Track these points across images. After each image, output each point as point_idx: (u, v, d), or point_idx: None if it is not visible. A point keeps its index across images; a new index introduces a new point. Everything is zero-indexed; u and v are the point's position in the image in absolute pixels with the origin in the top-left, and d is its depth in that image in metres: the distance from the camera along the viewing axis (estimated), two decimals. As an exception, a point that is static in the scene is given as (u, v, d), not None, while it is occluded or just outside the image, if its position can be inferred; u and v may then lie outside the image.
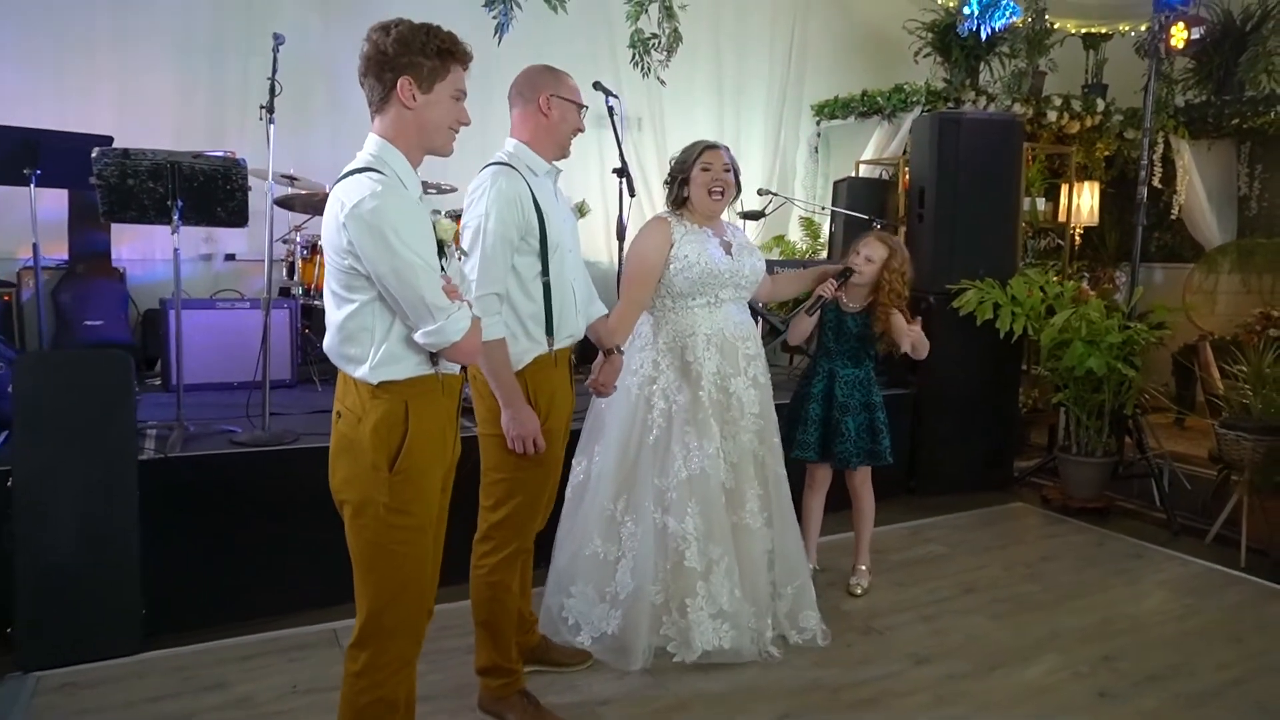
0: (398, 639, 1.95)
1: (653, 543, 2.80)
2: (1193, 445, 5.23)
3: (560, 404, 2.48)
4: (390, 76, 1.85)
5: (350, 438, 1.88)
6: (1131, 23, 6.57)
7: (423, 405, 1.89)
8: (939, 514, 4.46)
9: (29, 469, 2.78)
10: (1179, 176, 6.47)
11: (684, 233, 2.89)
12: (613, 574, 2.86)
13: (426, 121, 1.90)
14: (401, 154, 1.89)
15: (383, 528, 1.88)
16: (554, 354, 2.44)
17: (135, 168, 3.24)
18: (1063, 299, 4.57)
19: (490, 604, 2.50)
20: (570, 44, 5.60)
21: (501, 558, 2.47)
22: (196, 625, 3.03)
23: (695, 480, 2.82)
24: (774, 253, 6.50)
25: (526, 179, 2.36)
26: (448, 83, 1.90)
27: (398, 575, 1.92)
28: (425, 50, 1.86)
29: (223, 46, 5.11)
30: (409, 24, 1.87)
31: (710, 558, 2.81)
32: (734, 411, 2.90)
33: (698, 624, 2.80)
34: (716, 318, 2.91)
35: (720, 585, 2.81)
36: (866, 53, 7.01)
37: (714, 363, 2.88)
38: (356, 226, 1.77)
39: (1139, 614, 3.36)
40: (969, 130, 4.74)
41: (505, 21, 3.99)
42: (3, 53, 4.69)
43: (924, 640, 3.10)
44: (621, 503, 2.88)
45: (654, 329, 2.94)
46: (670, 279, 2.86)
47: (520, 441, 2.33)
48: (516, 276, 2.36)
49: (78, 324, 4.51)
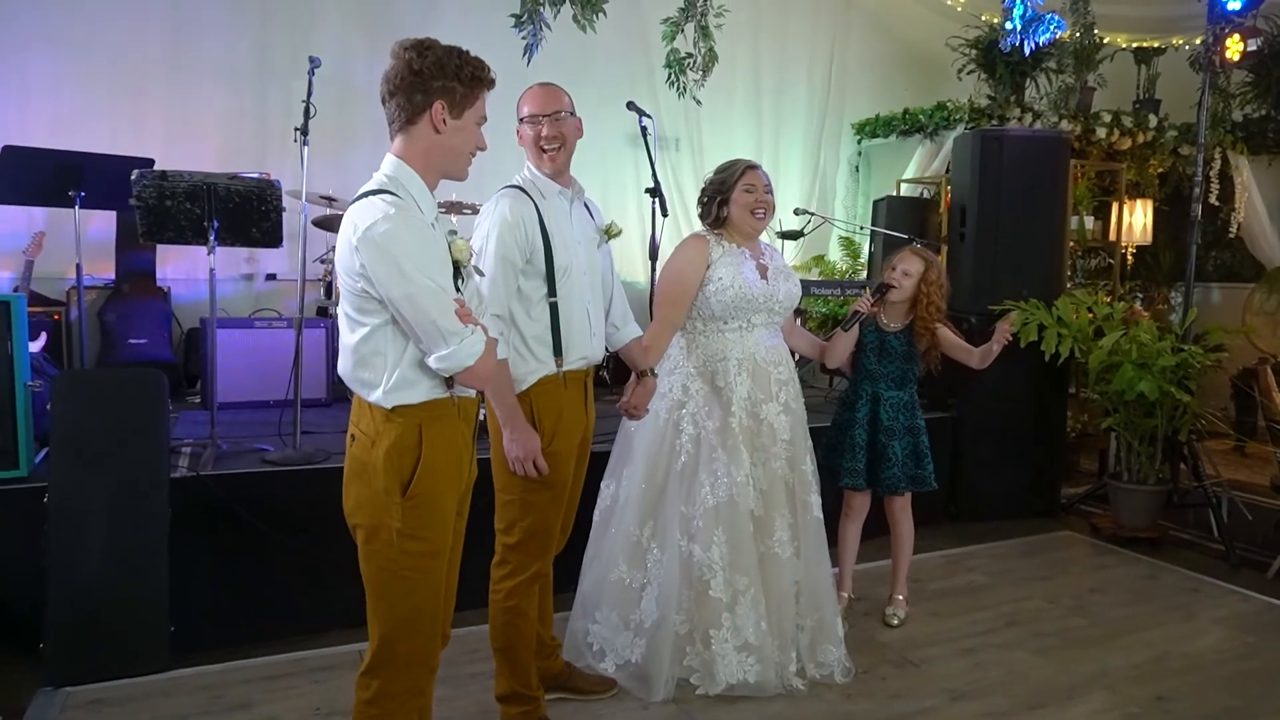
0: (411, 667, 1.91)
1: (678, 571, 2.74)
2: (1254, 473, 5.01)
3: (569, 426, 2.44)
4: (422, 99, 1.83)
5: (363, 461, 1.86)
6: (1185, 36, 6.39)
7: (437, 429, 1.86)
8: (980, 542, 4.31)
9: (64, 486, 2.83)
10: (1237, 193, 6.26)
11: (722, 253, 2.84)
12: (638, 601, 2.81)
13: (453, 147, 1.89)
14: (419, 176, 1.88)
15: (395, 553, 1.85)
16: (563, 375, 2.41)
17: (173, 189, 3.30)
18: (1112, 320, 4.41)
19: (506, 629, 2.47)
20: (605, 64, 5.64)
21: (518, 582, 2.44)
22: (224, 644, 3.04)
23: (722, 508, 2.75)
24: (813, 272, 6.42)
25: (535, 201, 2.37)
26: (475, 109, 1.89)
27: (410, 601, 1.89)
28: (460, 75, 1.84)
29: (266, 71, 5.25)
30: (441, 45, 1.85)
31: (736, 588, 2.74)
32: (765, 438, 2.83)
33: (722, 656, 2.72)
34: (748, 342, 2.85)
35: (746, 617, 2.73)
36: (908, 70, 6.93)
37: (745, 388, 2.82)
38: (368, 250, 1.75)
39: (1195, 652, 3.19)
40: (1012, 147, 4.63)
41: (535, 42, 4.00)
42: (60, 80, 4.85)
43: (962, 675, 2.97)
44: (648, 529, 2.83)
45: (684, 352, 2.89)
46: (704, 301, 2.81)
47: (520, 463, 2.32)
48: (521, 298, 2.35)
49: (122, 342, 4.62)
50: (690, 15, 4.70)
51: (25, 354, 3.01)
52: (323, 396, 4.56)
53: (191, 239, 3.38)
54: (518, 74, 4.48)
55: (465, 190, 4.44)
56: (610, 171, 6.06)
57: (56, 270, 4.73)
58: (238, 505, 3.10)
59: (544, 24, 4.02)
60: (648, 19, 5.48)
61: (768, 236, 6.45)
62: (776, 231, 6.08)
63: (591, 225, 2.58)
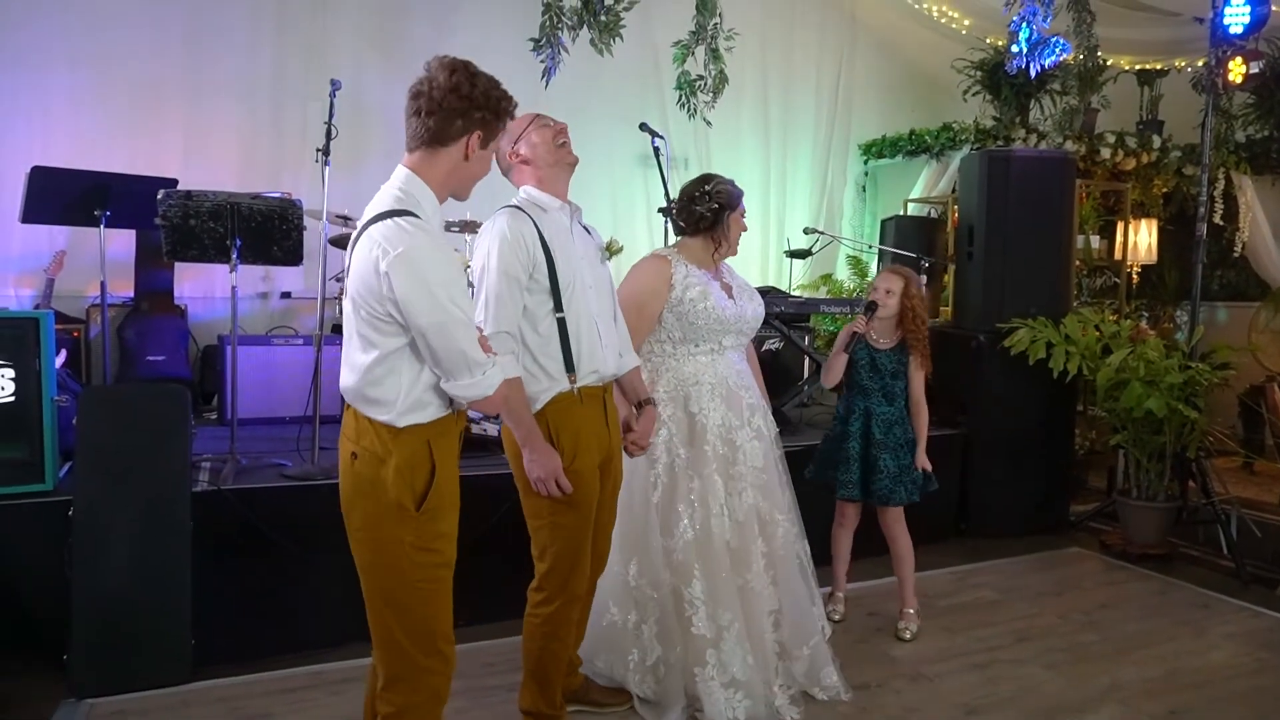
0: (432, 675, 1.94)
1: (671, 605, 2.66)
2: (1262, 491, 5.01)
3: (588, 444, 2.37)
4: (461, 125, 1.82)
5: (370, 479, 1.85)
6: (1187, 58, 6.47)
7: (444, 444, 1.89)
8: (990, 558, 4.32)
9: (88, 500, 2.87)
10: (1241, 213, 6.31)
11: (685, 274, 2.73)
12: (636, 639, 2.71)
13: (472, 175, 1.92)
14: (432, 192, 1.88)
15: (408, 565, 1.86)
16: (578, 391, 2.36)
17: (197, 209, 3.36)
18: (1119, 338, 4.45)
19: (541, 654, 2.44)
20: (617, 86, 5.72)
21: (555, 608, 2.40)
22: (243, 657, 3.06)
23: (700, 541, 2.68)
24: (821, 291, 6.47)
25: (534, 218, 2.33)
26: (495, 140, 1.92)
27: (427, 610, 1.91)
28: (498, 109, 1.86)
29: (284, 92, 5.33)
30: (484, 74, 1.86)
31: (719, 624, 2.64)
32: (740, 466, 2.74)
33: (709, 695, 2.61)
34: (720, 366, 2.78)
35: (732, 653, 2.63)
36: (914, 92, 7.02)
37: (719, 414, 2.73)
38: (403, 276, 1.74)
39: (1207, 667, 3.20)
40: (1019, 167, 4.69)
41: (553, 66, 4.08)
42: (81, 100, 4.94)
43: (975, 689, 2.99)
44: (634, 567, 2.70)
45: (651, 377, 2.75)
46: (675, 323, 2.73)
47: (543, 484, 2.28)
48: (528, 315, 2.31)
49: (140, 359, 4.67)
50: (701, 38, 4.79)
51: (53, 370, 3.06)
52: (339, 413, 4.58)
53: (214, 257, 3.44)
54: (533, 94, 4.57)
55: (473, 208, 4.51)
56: (619, 191, 6.14)
57: (76, 288, 4.81)
58: (257, 519, 3.14)
59: (562, 48, 4.10)
60: (658, 42, 5.57)
61: (775, 255, 6.55)
62: (785, 250, 6.15)
63: (592, 242, 2.56)
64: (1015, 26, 4.87)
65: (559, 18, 4.04)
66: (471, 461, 3.66)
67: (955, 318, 5.11)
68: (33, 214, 3.91)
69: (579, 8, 4.07)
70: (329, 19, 5.43)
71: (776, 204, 6.71)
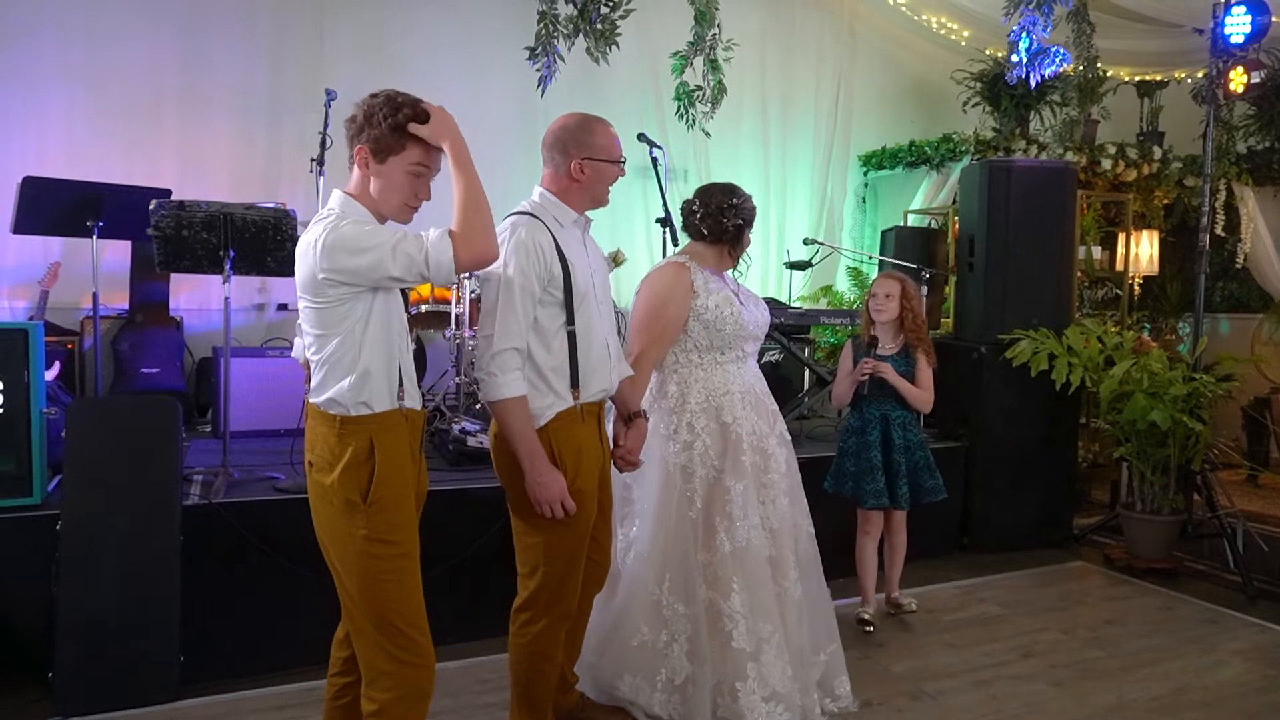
0: (411, 669, 1.95)
1: (704, 622, 2.60)
2: (1268, 504, 4.97)
3: (589, 462, 2.32)
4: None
5: (323, 484, 1.93)
6: (1188, 69, 6.46)
7: (388, 439, 1.94)
8: (993, 572, 4.27)
9: (76, 513, 2.82)
10: (1243, 224, 6.28)
11: (704, 281, 2.71)
12: (664, 658, 2.63)
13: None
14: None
15: (369, 560, 1.91)
16: (580, 408, 2.30)
17: (190, 219, 3.32)
18: (1122, 350, 4.41)
19: (529, 673, 2.38)
20: (615, 96, 5.69)
21: (543, 627, 2.33)
22: (233, 673, 3.01)
23: (739, 553, 2.63)
24: (821, 302, 6.44)
25: (550, 228, 2.27)
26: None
27: (395, 603, 1.93)
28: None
29: (279, 105, 5.30)
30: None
31: (760, 636, 2.61)
32: (772, 474, 2.73)
33: (750, 709, 2.57)
34: (745, 374, 2.76)
35: (772, 665, 2.60)
36: (913, 103, 7.01)
37: (750, 422, 2.71)
38: (334, 249, 1.88)
39: (1216, 685, 3.15)
40: (1019, 177, 4.66)
41: (549, 74, 4.05)
42: (75, 112, 4.92)
43: (978, 707, 2.93)
44: (665, 584, 2.63)
45: (680, 389, 2.72)
46: (699, 332, 2.70)
47: (548, 506, 2.21)
48: (538, 328, 2.24)
49: (135, 371, 4.63)
50: (699, 49, 4.77)
51: (42, 382, 3.02)
52: (333, 425, 4.55)
53: (208, 268, 3.40)
54: (529, 105, 4.53)
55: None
56: (617, 202, 6.06)
57: (70, 300, 4.77)
58: (249, 533, 3.09)
59: (558, 56, 4.07)
60: (657, 52, 5.56)
61: (775, 266, 6.52)
62: (785, 262, 6.12)
63: (600, 254, 2.52)
64: (1015, 36, 4.86)
65: (554, 26, 4.02)
66: (467, 475, 3.63)
67: (956, 329, 5.07)
68: (24, 224, 3.87)
69: (575, 16, 4.05)
70: (325, 32, 5.41)
71: (776, 215, 6.68)
